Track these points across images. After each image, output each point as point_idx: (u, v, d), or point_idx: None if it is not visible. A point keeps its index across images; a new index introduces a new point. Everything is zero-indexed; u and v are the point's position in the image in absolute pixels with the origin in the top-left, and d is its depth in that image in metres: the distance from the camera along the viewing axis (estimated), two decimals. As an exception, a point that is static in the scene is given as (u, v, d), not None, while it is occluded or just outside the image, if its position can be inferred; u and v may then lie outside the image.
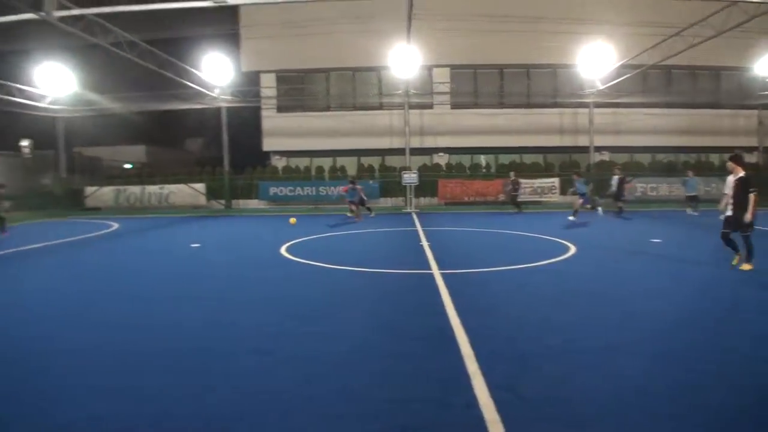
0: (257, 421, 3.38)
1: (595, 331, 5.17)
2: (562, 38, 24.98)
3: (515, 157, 27.26)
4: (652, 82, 27.43)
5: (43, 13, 14.33)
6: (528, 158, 27.23)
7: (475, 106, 27.54)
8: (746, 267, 7.86)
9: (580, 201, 17.05)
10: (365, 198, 18.95)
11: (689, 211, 19.00)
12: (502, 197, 24.00)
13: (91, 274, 8.97)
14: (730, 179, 8.01)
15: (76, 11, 15.34)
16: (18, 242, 13.18)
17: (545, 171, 26.04)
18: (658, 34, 20.68)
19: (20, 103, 24.62)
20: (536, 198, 24.37)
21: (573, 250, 10.50)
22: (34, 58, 24.18)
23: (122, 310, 6.31)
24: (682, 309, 5.98)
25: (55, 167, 28.19)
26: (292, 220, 17.24)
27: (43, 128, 28.68)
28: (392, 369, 4.24)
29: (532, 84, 27.83)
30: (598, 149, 26.86)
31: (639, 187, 24.36)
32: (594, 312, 5.87)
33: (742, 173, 7.85)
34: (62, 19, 15.16)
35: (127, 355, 4.67)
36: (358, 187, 18.54)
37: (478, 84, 27.82)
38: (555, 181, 24.58)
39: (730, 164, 8.03)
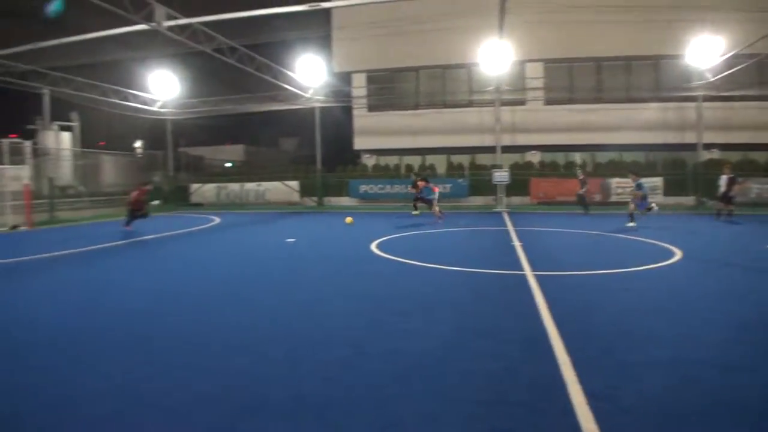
0: (350, 411, 3.45)
1: (703, 343, 4.80)
2: (665, 27, 23.40)
3: (614, 155, 25.92)
4: (770, 72, 25.03)
5: (154, 24, 15.49)
6: (628, 156, 25.79)
7: (571, 101, 26.43)
8: None
9: (634, 205, 15.44)
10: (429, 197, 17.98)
11: None
12: (597, 197, 22.92)
13: (190, 266, 9.55)
14: None
15: (182, 21, 16.45)
16: (141, 232, 14.38)
17: (647, 170, 24.45)
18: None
19: (134, 107, 26.83)
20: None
21: (678, 255, 9.83)
22: (145, 65, 26.30)
23: (231, 299, 6.69)
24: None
25: (163, 166, 30.38)
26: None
27: (153, 130, 31.07)
28: (485, 370, 4.17)
29: (632, 77, 26.31)
30: (707, 146, 24.85)
31: (754, 188, 22.32)
32: (702, 323, 5.45)
33: None
34: (170, 28, 16.33)
35: (236, 337, 4.94)
36: (431, 185, 17.89)
37: (573, 79, 26.70)
38: (658, 181, 23.02)
39: None
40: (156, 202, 17.88)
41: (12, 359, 4.61)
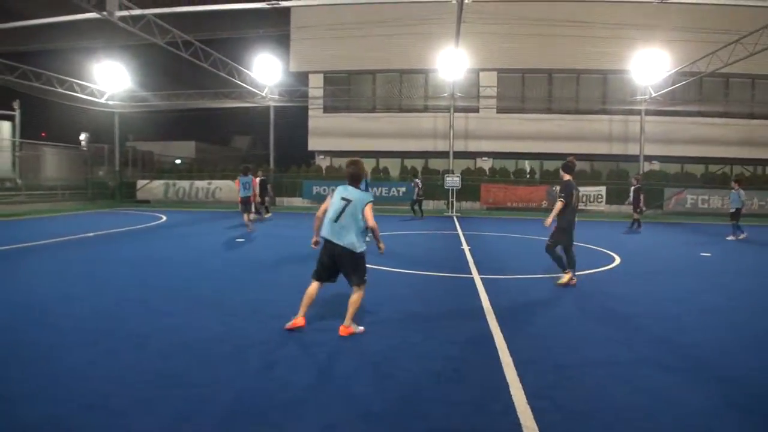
0: (292, 412, 3.47)
1: (636, 344, 5.06)
2: (613, 43, 24.48)
3: (560, 164, 26.69)
4: (708, 90, 26.46)
5: (105, 13, 14.96)
6: (574, 165, 26.67)
7: (522, 111, 27.17)
8: None
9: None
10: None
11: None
12: (545, 203, 23.63)
13: (134, 265, 9.31)
14: None
15: (136, 11, 15.96)
16: (74, 230, 13.82)
17: (592, 178, 25.42)
18: (716, 41, 19.98)
19: (80, 98, 25.79)
20: (581, 206, 23.85)
21: (617, 260, 10.28)
22: (94, 56, 25.36)
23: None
24: (735, 326, 5.79)
25: (110, 160, 29.36)
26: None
27: (100, 123, 30.00)
28: (431, 370, 4.27)
29: (581, 89, 27.31)
30: (649, 158, 26.10)
31: (689, 198, 23.57)
32: (636, 324, 5.74)
33: None
34: (123, 18, 15.80)
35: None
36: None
37: (525, 88, 27.48)
38: (602, 190, 23.98)
39: None
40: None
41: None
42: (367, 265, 5.34)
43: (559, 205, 7.56)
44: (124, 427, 3.22)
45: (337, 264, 5.18)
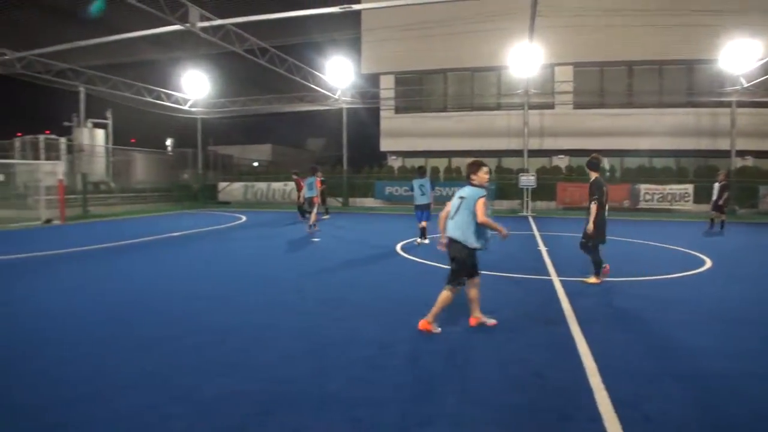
0: (377, 409, 3.49)
1: (740, 355, 4.71)
2: (699, 30, 22.89)
3: (644, 161, 25.49)
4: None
5: (188, 24, 15.80)
6: (658, 162, 25.34)
7: (601, 106, 26.10)
8: None
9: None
10: None
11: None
12: (627, 203, 22.57)
13: (220, 259, 9.72)
14: None
15: (216, 22, 16.74)
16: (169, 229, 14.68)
17: (678, 176, 23.99)
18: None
19: (166, 106, 27.40)
20: (666, 206, 22.60)
21: (708, 263, 9.65)
22: (178, 65, 26.84)
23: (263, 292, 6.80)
24: None
25: (193, 164, 30.90)
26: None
27: (184, 129, 31.69)
28: (512, 374, 4.18)
29: (664, 81, 25.86)
30: (741, 153, 24.29)
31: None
32: (735, 333, 5.35)
33: None
34: (204, 29, 16.62)
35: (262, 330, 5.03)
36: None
37: (604, 82, 26.35)
38: (689, 188, 22.54)
39: None
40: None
41: (47, 347, 4.78)
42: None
43: (594, 208, 7.42)
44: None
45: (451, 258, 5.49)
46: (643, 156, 25.48)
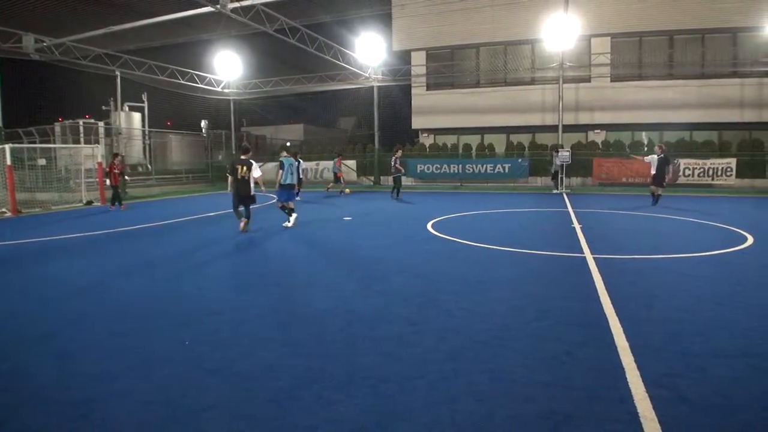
0: (405, 385, 3.52)
1: (777, 332, 4.57)
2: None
3: (684, 134, 24.62)
4: None
5: (218, 6, 15.92)
6: (699, 136, 24.44)
7: (639, 78, 25.25)
8: None
9: None
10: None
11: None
12: (667, 178, 21.88)
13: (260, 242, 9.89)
14: None
15: (246, 2, 16.82)
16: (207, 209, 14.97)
17: (720, 150, 23.12)
18: None
19: (200, 88, 27.77)
20: (707, 180, 21.86)
21: (750, 240, 9.33)
22: (210, 48, 27.10)
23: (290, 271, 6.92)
24: None
25: (227, 145, 31.31)
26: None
27: (218, 110, 32.07)
28: (542, 352, 4.15)
29: (707, 51, 24.80)
30: (789, 124, 23.24)
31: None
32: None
33: None
34: (234, 10, 16.72)
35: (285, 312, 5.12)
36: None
37: (642, 53, 25.43)
38: (731, 162, 21.72)
39: None
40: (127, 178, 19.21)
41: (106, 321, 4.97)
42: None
43: None
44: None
45: None
46: (683, 129, 24.61)
